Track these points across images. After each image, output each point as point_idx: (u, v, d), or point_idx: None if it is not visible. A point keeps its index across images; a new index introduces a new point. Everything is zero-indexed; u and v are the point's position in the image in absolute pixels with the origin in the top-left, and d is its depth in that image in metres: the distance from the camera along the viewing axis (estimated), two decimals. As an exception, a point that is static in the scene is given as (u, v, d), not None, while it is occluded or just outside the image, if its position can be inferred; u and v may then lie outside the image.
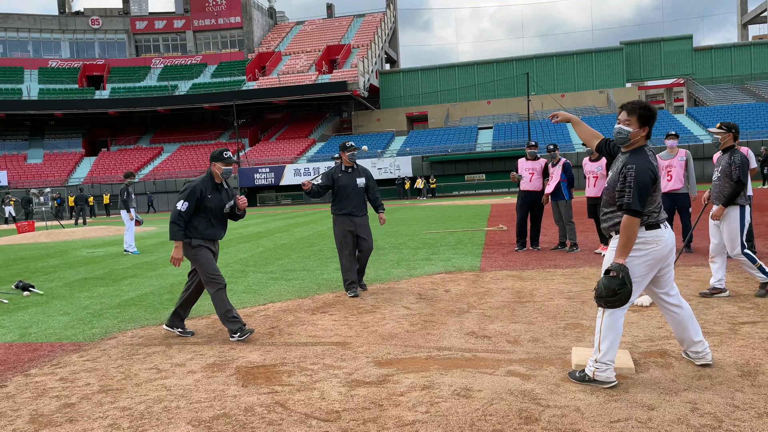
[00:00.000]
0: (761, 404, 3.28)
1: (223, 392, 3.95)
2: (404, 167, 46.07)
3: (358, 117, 60.81)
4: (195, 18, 66.99)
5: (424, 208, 27.66)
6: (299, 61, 61.21)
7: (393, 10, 70.98)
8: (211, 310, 6.59)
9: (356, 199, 7.21)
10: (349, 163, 7.29)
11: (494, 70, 60.40)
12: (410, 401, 3.61)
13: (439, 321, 5.60)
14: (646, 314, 5.41)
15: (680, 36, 58.99)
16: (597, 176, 9.39)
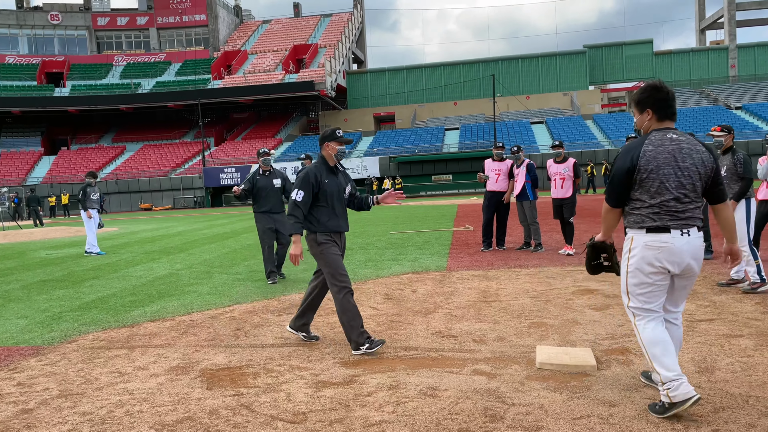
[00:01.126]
0: (717, 399, 3.38)
1: (187, 395, 3.90)
2: (371, 168, 46.09)
3: (326, 117, 60.62)
4: (159, 15, 65.80)
5: (392, 209, 27.71)
6: (266, 60, 60.69)
7: (360, 11, 70.97)
8: (175, 312, 6.49)
9: (274, 199, 8.25)
10: (265, 167, 8.43)
11: (461, 72, 60.94)
12: (377, 401, 3.62)
13: (405, 321, 5.62)
14: (608, 313, 5.53)
15: (641, 40, 60.51)
16: (564, 177, 9.56)
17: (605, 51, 60.28)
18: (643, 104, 3.32)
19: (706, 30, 67.70)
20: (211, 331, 5.59)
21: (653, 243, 3.20)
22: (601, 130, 48.76)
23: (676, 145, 3.21)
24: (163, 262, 11.11)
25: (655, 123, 3.31)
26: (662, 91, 3.28)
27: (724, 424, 3.06)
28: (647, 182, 3.20)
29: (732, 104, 50.99)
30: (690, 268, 3.22)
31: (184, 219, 28.58)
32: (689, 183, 3.18)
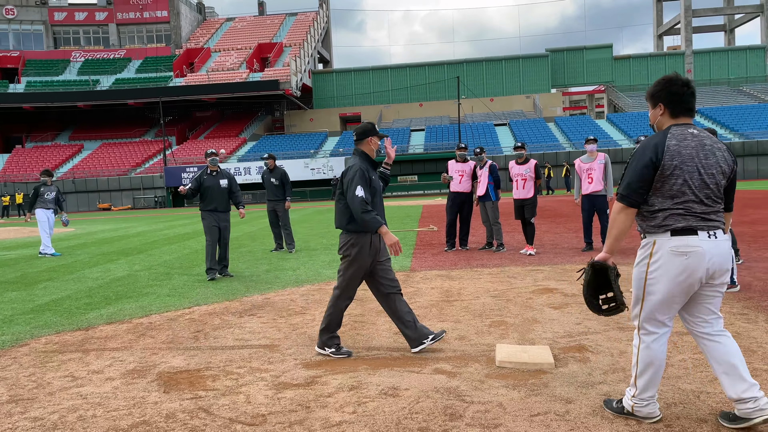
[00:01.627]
0: (670, 395, 3.47)
1: (143, 399, 3.81)
2: (338, 168, 45.94)
3: (291, 116, 60.22)
4: (119, 11, 64.33)
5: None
6: (229, 59, 59.94)
7: (326, 10, 70.73)
8: (132, 314, 6.34)
9: (220, 198, 8.62)
10: (212, 167, 8.70)
11: (426, 73, 61.30)
12: (338, 402, 3.60)
13: (369, 321, 5.62)
14: (566, 311, 5.63)
15: (601, 45, 61.88)
16: (525, 178, 9.70)
17: (567, 55, 61.45)
18: (655, 98, 3.08)
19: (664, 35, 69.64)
20: (170, 333, 5.49)
21: (680, 248, 2.89)
22: (562, 132, 49.67)
23: (699, 141, 2.94)
24: (121, 264, 10.85)
25: (668, 119, 3.04)
26: (676, 83, 3.00)
27: (675, 419, 3.14)
28: (670, 180, 2.91)
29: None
30: (719, 274, 2.93)
31: (144, 219, 27.99)
32: (713, 182, 2.92)
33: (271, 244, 12.73)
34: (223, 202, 8.69)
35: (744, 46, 61.28)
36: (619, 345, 4.47)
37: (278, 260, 10.28)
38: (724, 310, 5.36)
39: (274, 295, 7.14)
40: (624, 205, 2.98)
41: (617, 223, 3.02)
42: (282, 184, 11.41)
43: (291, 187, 11.54)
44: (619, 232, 3.03)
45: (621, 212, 3.00)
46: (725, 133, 45.09)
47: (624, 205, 2.98)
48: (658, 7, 69.12)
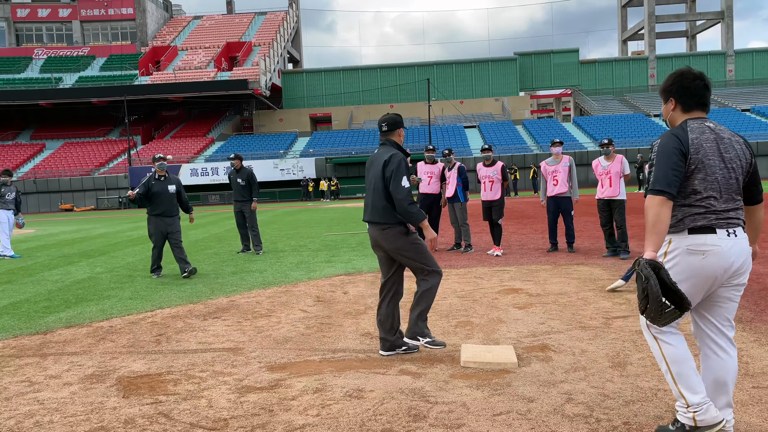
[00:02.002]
0: (628, 393, 3.54)
1: (101, 404, 3.73)
2: (308, 168, 45.70)
3: (260, 116, 59.69)
4: (83, 7, 62.91)
5: (327, 210, 27.60)
6: (197, 57, 59.13)
7: (296, 10, 70.34)
8: (93, 318, 6.20)
9: (168, 203, 8.74)
10: (161, 171, 8.85)
11: (397, 75, 61.46)
12: (301, 405, 3.58)
13: (335, 323, 5.60)
14: (531, 311, 5.69)
15: (568, 49, 62.92)
16: (493, 180, 9.82)
17: (534, 59, 62.31)
18: (667, 93, 2.94)
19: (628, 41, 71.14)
20: (131, 337, 5.37)
21: (698, 246, 2.74)
22: (530, 134, 50.32)
23: (717, 134, 2.81)
24: (82, 266, 10.60)
25: (681, 114, 2.91)
26: (687, 77, 2.87)
27: (633, 416, 3.20)
28: (693, 175, 2.75)
29: (651, 112, 53.77)
30: (738, 273, 2.79)
31: (108, 220, 27.42)
32: (733, 177, 2.78)
33: (237, 245, 12.59)
34: (170, 207, 8.81)
35: (705, 52, 63.02)
36: (581, 344, 4.54)
37: (245, 262, 10.17)
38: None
39: (240, 297, 7.06)
40: (663, 198, 2.70)
41: (661, 218, 2.70)
42: (249, 184, 11.28)
43: (258, 188, 11.44)
44: (663, 229, 2.71)
45: (661, 206, 2.69)
46: (687, 137, 46.16)
47: (663, 198, 2.70)
48: (623, 13, 70.59)
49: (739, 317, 5.14)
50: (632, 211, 16.79)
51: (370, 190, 4.47)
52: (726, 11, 61.02)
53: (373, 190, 4.41)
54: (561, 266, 8.32)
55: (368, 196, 4.49)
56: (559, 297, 6.28)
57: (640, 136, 46.87)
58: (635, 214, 16.13)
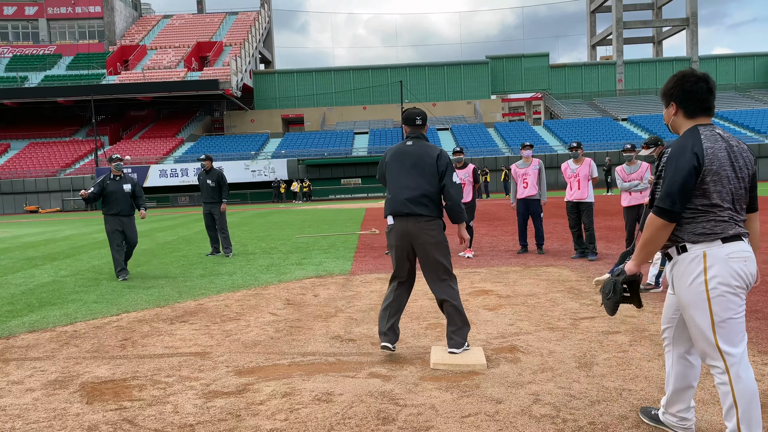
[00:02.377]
0: (594, 393, 3.59)
1: (64, 411, 3.64)
2: (279, 170, 45.40)
3: (231, 117, 59.10)
4: (49, 5, 61.53)
5: (299, 212, 27.46)
6: (166, 57, 58.29)
7: (268, 10, 69.88)
8: (57, 322, 6.05)
9: (123, 203, 8.87)
10: (116, 172, 8.97)
11: (370, 77, 61.49)
12: (269, 409, 3.54)
13: (305, 326, 5.56)
14: (500, 312, 5.74)
15: (538, 53, 63.78)
16: (464, 183, 9.87)
17: (506, 62, 62.99)
18: (667, 96, 2.80)
19: (597, 46, 72.41)
20: (95, 341, 5.26)
21: (737, 253, 2.61)
22: (501, 137, 50.84)
23: (728, 143, 2.69)
24: (46, 269, 10.35)
25: (684, 120, 2.77)
26: (690, 79, 2.71)
27: (599, 416, 3.25)
28: (712, 185, 2.62)
29: (619, 116, 54.83)
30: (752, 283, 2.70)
31: (74, 222, 26.82)
32: (742, 187, 2.69)
33: (207, 248, 12.43)
34: (126, 207, 8.93)
35: (671, 58, 64.49)
36: (549, 345, 4.59)
37: (214, 265, 10.05)
38: (646, 310, 5.61)
39: (208, 300, 6.97)
40: (664, 222, 2.65)
41: (657, 240, 2.69)
42: (219, 186, 11.14)
43: (228, 190, 11.32)
44: (654, 249, 2.73)
45: (663, 229, 2.67)
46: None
47: (664, 222, 2.65)
48: (592, 19, 71.83)
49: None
50: (600, 214, 17.08)
51: (407, 182, 4.29)
52: (691, 18, 62.55)
53: (415, 184, 4.26)
54: (531, 268, 8.41)
55: (403, 188, 4.29)
56: (529, 298, 6.35)
57: (609, 140, 47.72)
58: (603, 216, 16.41)
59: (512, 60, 63.10)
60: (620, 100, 61.26)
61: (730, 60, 63.69)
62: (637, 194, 8.00)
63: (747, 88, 61.36)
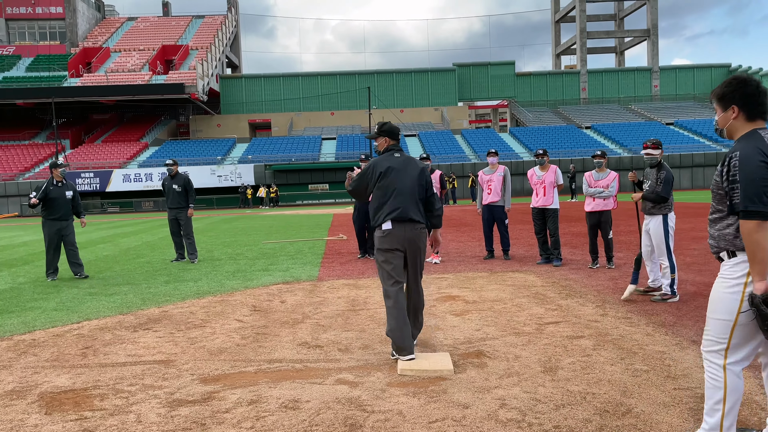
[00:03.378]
0: (559, 397, 3.64)
1: (22, 422, 3.52)
2: (246, 175, 44.97)
3: (197, 121, 58.33)
4: (8, 5, 59.87)
5: (266, 218, 27.22)
6: (130, 60, 57.24)
7: (235, 14, 69.31)
8: (14, 330, 5.87)
9: (65, 208, 9.25)
10: (59, 177, 9.29)
11: (338, 82, 61.45)
12: (235, 418, 3.50)
13: (272, 333, 5.51)
14: (467, 318, 5.78)
15: (505, 62, 64.68)
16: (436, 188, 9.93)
17: (473, 70, 63.70)
18: (727, 99, 2.77)
19: (562, 55, 73.84)
20: (55, 350, 5.11)
21: None
22: (468, 144, 51.34)
23: None
24: (3, 276, 10.03)
25: (744, 123, 2.75)
26: (751, 85, 2.72)
27: (563, 420, 3.30)
28: None
29: (582, 124, 55.97)
30: None
31: (33, 228, 26.04)
32: None
33: (171, 254, 12.22)
34: (67, 212, 9.36)
35: (633, 68, 66.17)
36: (515, 350, 4.65)
37: (179, 271, 9.89)
38: (609, 315, 5.73)
39: (173, 307, 6.85)
40: (757, 222, 2.55)
41: (761, 245, 2.56)
42: (185, 191, 10.95)
43: (194, 195, 11.15)
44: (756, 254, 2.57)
45: (758, 231, 2.56)
46: (615, 148, 48.33)
47: (757, 222, 2.55)
48: (556, 28, 73.25)
49: (661, 321, 5.40)
50: (564, 220, 17.38)
51: (404, 192, 4.57)
52: (652, 29, 64.32)
53: (410, 192, 4.59)
54: (497, 273, 8.50)
55: (403, 196, 4.56)
56: (495, 304, 6.41)
57: (573, 147, 48.63)
58: (567, 222, 16.71)
59: (479, 68, 63.85)
60: (584, 108, 62.54)
61: (689, 70, 65.68)
62: (600, 201, 8.20)
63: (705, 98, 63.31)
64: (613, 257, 8.61)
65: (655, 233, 6.46)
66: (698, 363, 4.16)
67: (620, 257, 9.47)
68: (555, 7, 72.13)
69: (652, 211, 6.48)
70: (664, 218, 6.43)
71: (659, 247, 6.45)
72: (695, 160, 45.82)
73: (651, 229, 6.52)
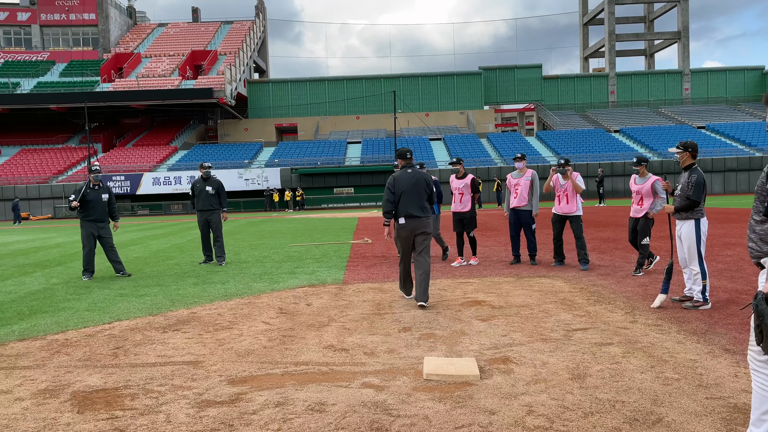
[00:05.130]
0: (587, 404, 3.60)
1: (55, 420, 3.60)
2: (273, 179, 45.40)
3: (225, 126, 59.10)
4: (43, 12, 61.49)
5: (292, 221, 27.42)
6: (161, 65, 58.29)
7: (263, 20, 70.09)
8: (47, 330, 6.01)
9: (101, 210, 9.78)
10: (95, 182, 9.88)
11: (363, 86, 61.68)
12: (262, 419, 3.53)
13: (298, 335, 5.54)
14: (493, 323, 5.75)
15: (531, 65, 64.22)
16: (462, 192, 9.99)
17: (499, 73, 63.38)
18: None
19: (590, 58, 73.01)
20: (87, 350, 5.22)
21: None
22: (494, 148, 51.05)
23: None
24: (37, 276, 10.28)
25: None
26: None
27: (592, 428, 3.25)
28: None
29: (611, 127, 55.21)
30: None
31: (65, 230, 26.67)
32: None
33: (199, 256, 12.39)
34: (103, 214, 9.82)
35: (663, 70, 65.12)
36: (542, 356, 4.60)
37: (207, 273, 10.02)
38: (639, 322, 5.63)
39: (201, 309, 6.94)
40: None
41: None
42: (218, 193, 11.15)
43: (226, 197, 11.38)
44: None
45: None
46: (645, 152, 47.58)
47: None
48: (585, 31, 72.47)
49: (693, 329, 5.29)
50: (593, 225, 17.15)
51: (410, 196, 6.67)
52: (682, 32, 63.24)
53: (416, 196, 6.68)
54: (523, 278, 8.43)
55: (409, 200, 6.66)
56: (522, 309, 6.36)
57: (601, 151, 48.01)
58: (595, 227, 16.48)
59: (505, 71, 63.50)
60: (613, 111, 61.72)
61: (721, 73, 64.36)
62: (637, 207, 8.31)
63: (737, 102, 61.96)
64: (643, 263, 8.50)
65: (686, 237, 6.33)
66: (731, 372, 4.07)
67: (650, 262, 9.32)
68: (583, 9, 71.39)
69: (683, 216, 6.36)
70: (696, 223, 6.29)
71: (690, 251, 6.31)
72: (728, 164, 44.85)
73: (683, 234, 6.38)
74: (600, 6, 66.24)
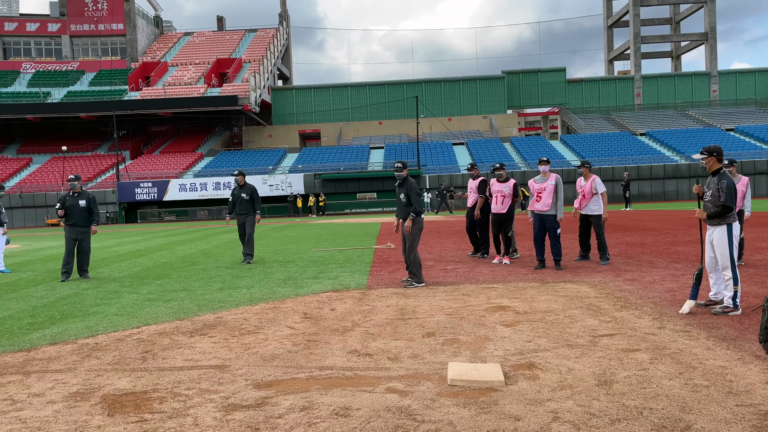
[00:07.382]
0: (614, 411, 3.56)
1: (85, 423, 3.68)
2: (296, 184, 45.73)
3: (249, 132, 59.75)
4: (72, 23, 62.95)
5: (315, 226, 27.57)
6: (187, 73, 59.23)
7: (286, 27, 70.80)
8: (78, 334, 6.14)
9: (78, 215, 10.61)
10: (75, 189, 10.73)
11: (385, 92, 61.87)
12: (288, 423, 3.56)
13: (322, 340, 5.58)
14: (518, 329, 5.71)
15: (555, 68, 63.72)
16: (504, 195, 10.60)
17: (522, 77, 63.03)
18: None
19: (614, 60, 72.20)
20: (116, 354, 5.33)
21: None
22: (518, 152, 50.72)
23: None
24: (67, 282, 10.50)
25: None
26: None
27: (619, 434, 3.22)
28: None
29: (637, 130, 54.47)
30: None
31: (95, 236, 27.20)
32: None
33: (225, 260, 12.54)
34: (81, 219, 10.63)
35: (690, 72, 64.11)
36: (568, 362, 4.56)
37: (232, 278, 10.13)
38: (667, 328, 5.55)
39: (227, 313, 7.02)
40: None
41: None
42: (252, 199, 12.26)
43: (260, 202, 12.48)
44: None
45: None
46: (672, 155, 46.82)
47: None
48: (609, 33, 71.71)
49: (723, 335, 5.20)
50: (618, 229, 16.92)
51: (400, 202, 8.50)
52: (709, 33, 62.19)
53: (403, 202, 8.44)
54: (548, 284, 8.36)
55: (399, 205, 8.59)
56: (546, 315, 6.31)
57: (627, 154, 47.38)
58: (621, 231, 16.26)
59: (528, 75, 63.12)
60: (638, 114, 60.91)
61: (749, 75, 63.12)
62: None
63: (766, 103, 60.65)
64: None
65: (718, 243, 6.20)
66: (762, 379, 3.98)
67: (678, 267, 9.18)
68: (607, 12, 70.68)
69: (716, 221, 6.23)
70: (728, 228, 6.16)
71: (722, 257, 6.19)
72: (757, 167, 43.93)
73: (714, 240, 6.26)
74: (625, 8, 65.52)
